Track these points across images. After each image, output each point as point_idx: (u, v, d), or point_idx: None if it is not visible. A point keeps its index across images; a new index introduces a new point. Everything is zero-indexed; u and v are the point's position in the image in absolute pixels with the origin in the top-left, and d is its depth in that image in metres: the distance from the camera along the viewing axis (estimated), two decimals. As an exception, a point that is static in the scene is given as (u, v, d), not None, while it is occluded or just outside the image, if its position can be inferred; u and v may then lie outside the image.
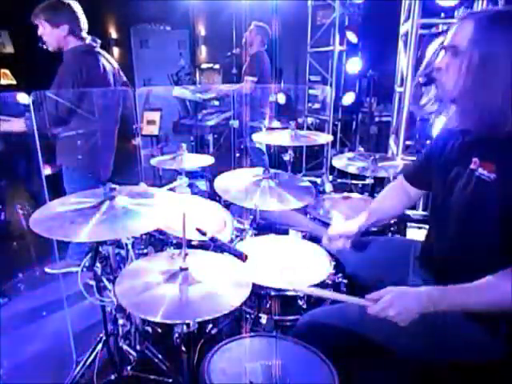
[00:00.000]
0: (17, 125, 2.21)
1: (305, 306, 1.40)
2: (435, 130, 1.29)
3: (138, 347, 1.61)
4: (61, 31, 2.22)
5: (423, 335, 1.13)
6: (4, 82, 4.87)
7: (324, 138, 2.73)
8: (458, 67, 1.06)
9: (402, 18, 3.42)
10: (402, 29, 3.43)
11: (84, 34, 2.31)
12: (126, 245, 1.49)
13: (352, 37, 4.38)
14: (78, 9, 2.27)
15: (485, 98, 1.02)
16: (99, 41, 2.39)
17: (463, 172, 1.15)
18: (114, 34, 6.10)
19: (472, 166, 1.11)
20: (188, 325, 1.12)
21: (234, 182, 1.85)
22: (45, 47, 2.30)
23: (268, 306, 1.41)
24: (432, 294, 1.07)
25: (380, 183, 3.43)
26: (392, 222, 1.95)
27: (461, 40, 1.05)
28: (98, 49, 2.37)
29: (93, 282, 1.46)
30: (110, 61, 2.45)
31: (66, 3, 2.23)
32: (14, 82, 4.97)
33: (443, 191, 1.23)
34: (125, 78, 2.64)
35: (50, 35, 2.25)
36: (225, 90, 4.16)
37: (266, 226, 1.84)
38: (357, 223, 1.48)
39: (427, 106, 1.23)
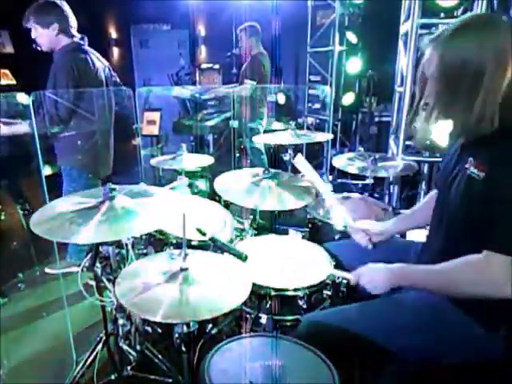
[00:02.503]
0: (22, 128, 2.20)
1: (305, 306, 1.40)
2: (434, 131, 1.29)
3: (137, 347, 1.61)
4: (51, 31, 2.25)
5: (423, 335, 1.13)
6: (4, 82, 4.87)
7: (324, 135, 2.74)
8: (439, 91, 1.11)
9: (402, 18, 3.41)
10: (402, 29, 3.42)
11: (74, 31, 2.33)
12: (126, 245, 1.50)
13: (352, 37, 4.37)
14: (66, 7, 2.29)
15: (471, 108, 1.05)
16: (87, 39, 2.40)
17: (460, 172, 1.16)
18: (113, 34, 6.09)
19: (467, 166, 1.13)
20: (188, 325, 1.12)
21: (234, 181, 1.85)
22: (39, 49, 2.33)
23: (268, 306, 1.41)
24: (397, 271, 1.21)
25: (380, 183, 3.45)
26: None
27: (430, 67, 1.12)
28: (87, 47, 2.39)
29: (93, 282, 1.46)
30: (100, 59, 2.46)
31: (54, 3, 2.25)
32: (14, 82, 4.96)
33: (443, 192, 1.24)
34: (117, 78, 2.65)
35: (42, 36, 2.27)
36: (224, 92, 4.16)
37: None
38: (382, 226, 1.55)
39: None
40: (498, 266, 1.01)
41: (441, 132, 1.18)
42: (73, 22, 2.32)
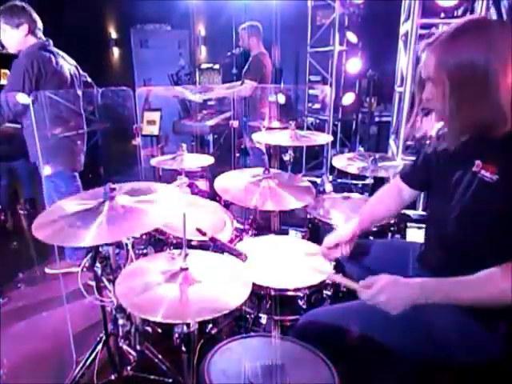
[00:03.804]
0: None
1: (305, 306, 1.40)
2: (434, 131, 1.29)
3: (138, 347, 1.61)
4: (21, 31, 2.32)
5: (423, 335, 1.13)
6: (4, 82, 4.87)
7: (324, 138, 2.74)
8: (438, 94, 1.09)
9: (402, 18, 3.42)
10: (402, 29, 3.43)
11: (40, 34, 2.41)
12: (126, 245, 1.49)
13: (352, 37, 4.38)
14: (31, 9, 2.38)
15: (470, 112, 1.05)
16: (51, 41, 2.47)
17: (465, 175, 1.15)
18: (113, 34, 6.08)
19: (474, 169, 1.11)
20: (188, 325, 1.12)
21: (234, 181, 1.85)
22: (5, 51, 2.42)
23: (268, 306, 1.41)
24: (425, 285, 1.08)
25: (380, 183, 3.44)
26: (392, 221, 1.95)
27: (430, 69, 1.10)
28: (52, 47, 2.44)
29: (93, 282, 1.46)
30: (66, 58, 2.51)
31: (22, 6, 2.34)
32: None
33: (444, 194, 1.22)
34: (89, 79, 2.70)
35: (11, 37, 2.34)
36: (224, 94, 4.16)
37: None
38: (350, 229, 1.48)
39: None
40: None
41: (441, 134, 1.17)
42: (39, 24, 2.40)
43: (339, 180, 4.20)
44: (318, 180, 4.31)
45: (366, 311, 1.20)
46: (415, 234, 2.33)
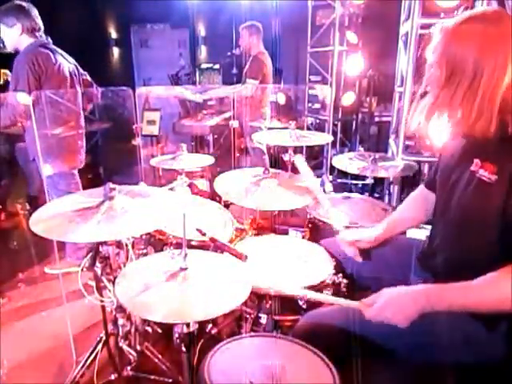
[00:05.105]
0: None
1: (305, 306, 1.40)
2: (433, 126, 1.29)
3: (138, 347, 1.61)
4: (15, 31, 2.36)
5: (423, 335, 1.13)
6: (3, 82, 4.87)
7: (324, 138, 2.74)
8: (439, 80, 1.08)
9: (402, 18, 3.41)
10: (402, 29, 3.43)
11: (39, 33, 2.43)
12: (126, 245, 1.49)
13: (352, 37, 4.37)
14: (31, 9, 2.41)
15: (469, 104, 1.04)
16: (51, 40, 2.50)
17: (464, 173, 1.15)
18: (113, 34, 6.09)
19: (473, 168, 1.11)
20: (188, 325, 1.12)
21: (234, 182, 1.85)
22: (5, 50, 2.45)
23: (268, 306, 1.41)
24: (430, 293, 1.07)
25: (380, 183, 3.44)
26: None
27: (435, 54, 1.09)
28: (52, 46, 2.47)
29: (93, 282, 1.46)
30: (65, 56, 2.54)
31: (18, 5, 2.38)
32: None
33: (445, 192, 1.23)
34: (89, 77, 2.71)
35: (7, 36, 2.39)
36: (224, 94, 4.17)
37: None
38: (373, 235, 1.47)
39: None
40: None
41: (440, 128, 1.16)
42: (38, 24, 2.43)
43: (339, 180, 4.19)
44: (318, 180, 4.31)
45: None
46: (415, 234, 2.32)
